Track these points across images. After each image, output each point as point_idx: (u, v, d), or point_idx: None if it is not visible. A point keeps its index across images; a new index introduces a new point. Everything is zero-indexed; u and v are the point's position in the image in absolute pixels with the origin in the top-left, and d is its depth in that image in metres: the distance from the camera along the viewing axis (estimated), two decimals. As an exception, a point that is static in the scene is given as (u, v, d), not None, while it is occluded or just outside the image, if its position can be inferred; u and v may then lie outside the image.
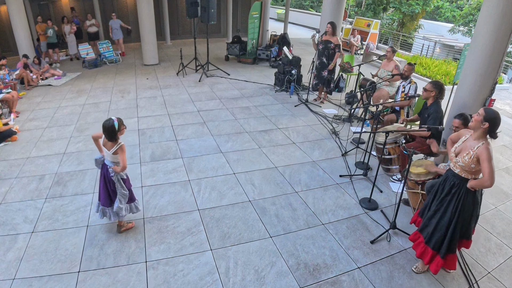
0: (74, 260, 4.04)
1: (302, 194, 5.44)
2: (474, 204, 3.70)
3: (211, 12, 11.03)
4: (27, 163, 6.14)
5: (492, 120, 3.40)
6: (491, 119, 3.39)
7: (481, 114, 3.45)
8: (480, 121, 3.43)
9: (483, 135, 3.49)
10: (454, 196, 3.69)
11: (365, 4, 25.95)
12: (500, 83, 14.38)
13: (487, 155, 3.36)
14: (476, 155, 3.45)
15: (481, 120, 3.43)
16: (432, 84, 5.46)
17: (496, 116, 3.42)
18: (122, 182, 4.21)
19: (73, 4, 15.40)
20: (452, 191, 3.71)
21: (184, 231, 4.54)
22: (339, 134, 7.54)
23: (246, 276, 3.90)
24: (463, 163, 3.55)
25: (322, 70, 8.91)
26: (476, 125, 3.49)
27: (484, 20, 5.37)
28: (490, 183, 3.37)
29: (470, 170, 3.54)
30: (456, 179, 3.69)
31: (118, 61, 13.76)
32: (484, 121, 3.41)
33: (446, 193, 3.77)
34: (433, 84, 5.44)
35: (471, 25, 22.38)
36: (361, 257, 4.27)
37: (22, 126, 7.63)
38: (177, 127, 7.64)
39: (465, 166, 3.54)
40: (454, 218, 3.68)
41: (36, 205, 5.00)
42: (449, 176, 3.78)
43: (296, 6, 37.75)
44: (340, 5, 9.61)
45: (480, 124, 3.44)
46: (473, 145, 3.51)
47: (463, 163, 3.56)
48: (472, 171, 3.55)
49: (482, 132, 3.47)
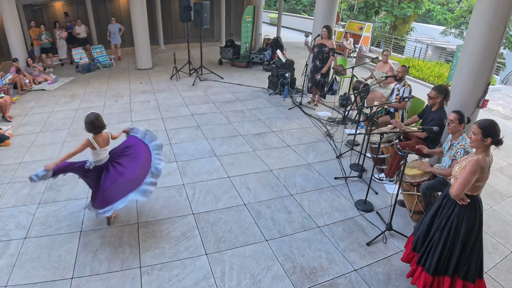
0: (67, 266, 3.99)
1: (297, 197, 5.42)
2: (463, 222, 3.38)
3: (204, 16, 11.04)
4: (20, 168, 6.08)
5: (492, 132, 3.16)
6: (491, 132, 3.16)
7: (477, 132, 3.20)
8: (481, 139, 3.20)
9: (485, 149, 3.26)
10: (444, 207, 3.50)
11: (357, 7, 26.05)
12: (493, 84, 14.46)
13: (471, 167, 3.17)
14: (465, 165, 3.28)
15: (480, 138, 3.19)
16: (436, 90, 5.35)
17: (493, 124, 3.20)
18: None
19: (67, 9, 15.34)
20: (443, 201, 3.55)
21: (178, 236, 4.50)
22: (333, 136, 7.54)
23: (242, 280, 3.87)
24: (453, 172, 3.45)
25: (315, 73, 8.93)
26: (478, 144, 3.24)
27: (476, 22, 5.42)
28: (454, 191, 3.23)
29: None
30: (449, 189, 3.48)
31: (111, 66, 13.70)
32: (484, 137, 3.18)
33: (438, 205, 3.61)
34: (438, 90, 5.33)
35: (462, 28, 22.52)
36: (357, 259, 4.25)
37: (15, 131, 7.57)
38: (171, 131, 7.60)
39: (455, 176, 3.39)
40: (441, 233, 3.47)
41: (29, 210, 4.94)
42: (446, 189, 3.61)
43: (288, 10, 37.82)
44: (332, 9, 9.63)
45: (482, 142, 3.20)
46: (471, 157, 3.34)
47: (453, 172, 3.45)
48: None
49: (485, 147, 3.24)
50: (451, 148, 4.41)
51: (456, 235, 3.41)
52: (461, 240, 3.39)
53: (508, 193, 6.04)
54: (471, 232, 3.41)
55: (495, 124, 3.22)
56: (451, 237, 3.42)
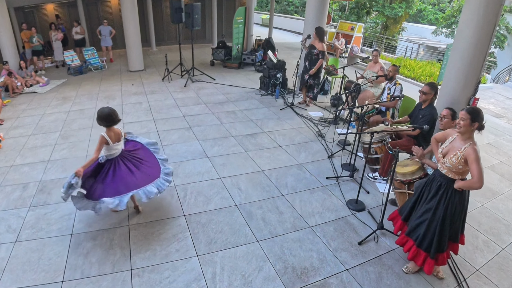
0: (58, 269, 3.96)
1: (289, 197, 5.43)
2: (461, 204, 3.68)
3: (195, 18, 11.05)
4: (11, 171, 6.04)
5: (478, 117, 3.41)
6: (477, 117, 3.41)
7: (465, 117, 3.42)
8: (469, 124, 3.42)
9: (471, 135, 3.49)
10: (442, 196, 3.67)
11: (349, 8, 26.17)
12: (484, 82, 14.59)
13: (475, 156, 3.34)
14: (463, 156, 3.44)
15: (469, 123, 3.42)
16: (429, 86, 5.44)
17: (478, 110, 3.45)
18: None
19: (58, 11, 15.29)
20: (440, 191, 3.70)
21: (170, 237, 4.49)
22: (325, 136, 7.55)
23: (233, 281, 3.87)
24: (451, 164, 3.55)
25: (304, 73, 8.99)
26: (466, 129, 3.46)
27: (465, 22, 5.45)
28: (479, 184, 3.35)
29: (458, 171, 3.54)
30: (443, 179, 3.68)
31: (103, 68, 13.64)
32: (472, 122, 3.41)
33: (433, 194, 3.76)
34: (431, 87, 5.43)
35: (453, 27, 22.64)
36: (349, 258, 4.26)
37: (6, 133, 7.51)
38: (163, 133, 7.58)
39: (453, 167, 3.54)
40: (443, 219, 3.67)
41: (19, 214, 4.90)
42: (436, 176, 3.78)
43: (280, 11, 37.86)
44: (323, 9, 9.66)
45: (470, 126, 3.43)
46: (460, 146, 3.50)
47: (450, 164, 3.56)
48: (459, 171, 3.55)
49: (471, 132, 3.47)
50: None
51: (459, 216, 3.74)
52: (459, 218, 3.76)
53: (499, 191, 6.09)
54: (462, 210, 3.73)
55: (480, 110, 3.48)
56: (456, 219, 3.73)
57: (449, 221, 3.67)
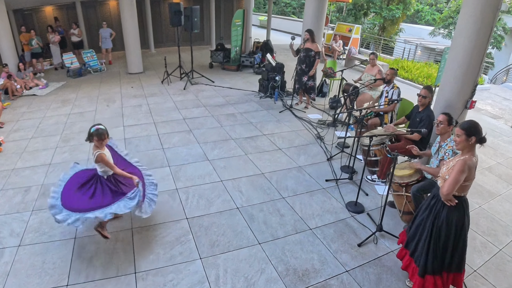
0: (62, 273, 4.00)
1: (289, 200, 5.49)
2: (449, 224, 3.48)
3: (194, 20, 11.10)
4: (12, 174, 6.07)
5: (474, 131, 3.32)
6: (473, 131, 3.32)
7: (461, 133, 3.35)
8: (465, 139, 3.34)
9: (471, 149, 3.39)
10: (433, 207, 3.59)
11: (346, 9, 26.24)
12: (481, 83, 14.67)
13: (459, 168, 3.27)
14: (453, 165, 3.39)
15: (465, 138, 3.33)
16: (427, 89, 5.52)
17: (474, 124, 3.37)
18: None
19: (57, 14, 15.30)
20: (432, 202, 3.64)
21: (173, 241, 4.54)
22: (324, 139, 7.61)
23: (236, 284, 3.92)
24: (441, 173, 3.54)
25: (302, 76, 9.01)
26: (464, 145, 3.37)
27: (463, 23, 5.51)
28: (445, 190, 3.31)
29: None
30: (437, 190, 3.59)
31: (102, 70, 13.68)
32: (468, 137, 3.32)
33: (427, 205, 3.71)
34: (429, 90, 5.51)
35: (451, 28, 22.71)
36: (349, 260, 4.32)
37: (7, 137, 7.55)
38: (163, 136, 7.63)
39: (442, 176, 3.49)
40: (430, 231, 3.57)
41: (22, 217, 4.94)
42: (434, 190, 3.73)
43: (278, 12, 37.88)
44: (321, 11, 9.75)
45: (467, 142, 3.34)
46: (458, 158, 3.45)
47: (441, 173, 3.54)
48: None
49: (470, 147, 3.37)
50: (439, 150, 4.50)
51: (447, 237, 3.51)
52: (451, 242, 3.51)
53: (496, 192, 6.16)
54: (461, 233, 3.51)
55: (476, 123, 3.39)
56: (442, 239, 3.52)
57: (437, 236, 3.53)
